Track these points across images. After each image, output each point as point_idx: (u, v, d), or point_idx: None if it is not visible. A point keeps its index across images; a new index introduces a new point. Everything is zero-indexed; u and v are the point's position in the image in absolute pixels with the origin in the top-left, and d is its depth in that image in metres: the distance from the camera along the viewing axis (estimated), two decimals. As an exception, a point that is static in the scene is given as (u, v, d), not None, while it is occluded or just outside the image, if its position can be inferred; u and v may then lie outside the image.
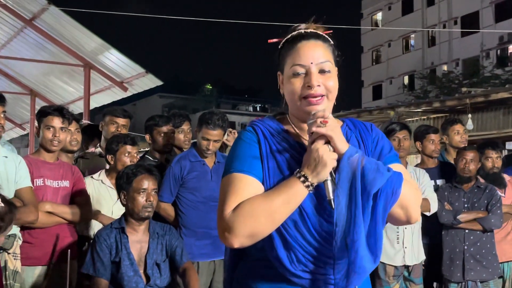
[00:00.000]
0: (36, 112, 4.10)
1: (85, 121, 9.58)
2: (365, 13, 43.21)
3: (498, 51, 33.53)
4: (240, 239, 1.61)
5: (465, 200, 4.62)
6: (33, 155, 3.87)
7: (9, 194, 3.39)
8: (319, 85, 1.73)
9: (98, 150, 4.76)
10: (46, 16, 9.55)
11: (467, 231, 4.55)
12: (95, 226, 3.91)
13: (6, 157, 3.47)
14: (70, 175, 3.81)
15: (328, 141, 1.64)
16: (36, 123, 3.81)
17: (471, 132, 7.46)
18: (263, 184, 1.72)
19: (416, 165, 5.17)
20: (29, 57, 11.18)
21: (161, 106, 43.76)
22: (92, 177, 4.09)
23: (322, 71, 1.75)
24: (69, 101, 12.23)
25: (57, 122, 3.69)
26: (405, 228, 4.52)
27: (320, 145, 1.63)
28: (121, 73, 10.57)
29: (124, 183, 3.42)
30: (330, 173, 1.63)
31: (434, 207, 4.56)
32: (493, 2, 33.82)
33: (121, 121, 4.63)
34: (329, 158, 1.62)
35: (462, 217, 4.52)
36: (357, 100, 42.69)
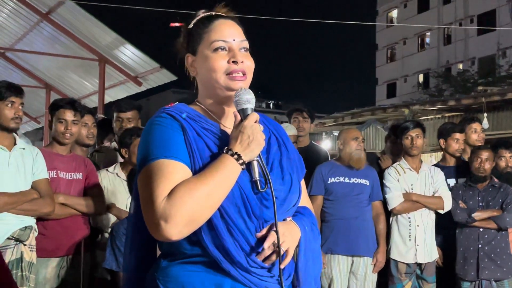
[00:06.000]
0: (49, 105, 4.13)
1: (100, 115, 9.62)
2: (381, 10, 42.93)
3: (515, 50, 33.18)
4: (179, 228, 1.44)
5: (479, 198, 4.58)
6: (46, 147, 3.90)
7: (26, 186, 3.42)
8: (242, 62, 1.66)
9: (114, 144, 4.77)
10: (62, 10, 9.60)
11: (481, 229, 4.50)
12: (110, 219, 3.93)
13: (23, 148, 3.50)
14: (83, 167, 3.84)
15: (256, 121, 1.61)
16: (48, 116, 3.83)
17: (486, 131, 7.39)
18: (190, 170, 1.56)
19: (437, 162, 5.13)
20: (44, 51, 11.24)
21: (174, 102, 43.78)
22: (107, 170, 4.11)
23: (243, 49, 1.69)
24: (84, 95, 12.29)
25: (69, 115, 3.72)
26: (417, 225, 4.49)
27: (253, 123, 1.59)
28: (135, 68, 10.60)
29: None
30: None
31: (448, 205, 4.52)
32: (510, 0, 33.46)
33: (125, 115, 4.58)
34: (262, 138, 1.58)
35: (477, 215, 4.48)
36: (371, 97, 42.58)
